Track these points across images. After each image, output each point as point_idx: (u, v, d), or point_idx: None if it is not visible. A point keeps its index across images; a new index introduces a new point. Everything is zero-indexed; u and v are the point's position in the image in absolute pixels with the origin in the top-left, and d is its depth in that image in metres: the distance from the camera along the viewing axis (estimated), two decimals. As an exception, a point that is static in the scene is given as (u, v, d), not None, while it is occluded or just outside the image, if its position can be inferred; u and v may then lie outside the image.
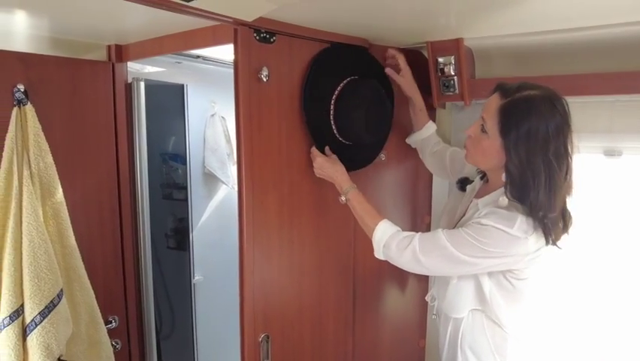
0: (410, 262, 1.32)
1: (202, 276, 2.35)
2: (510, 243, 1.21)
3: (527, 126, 1.16)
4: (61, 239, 1.49)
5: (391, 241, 1.33)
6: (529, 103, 1.18)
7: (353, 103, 1.48)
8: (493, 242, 1.22)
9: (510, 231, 1.20)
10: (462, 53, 1.57)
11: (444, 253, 1.26)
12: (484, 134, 1.26)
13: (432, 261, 1.29)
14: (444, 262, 1.29)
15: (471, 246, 1.23)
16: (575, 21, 1.31)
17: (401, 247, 1.31)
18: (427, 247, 1.29)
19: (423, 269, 1.34)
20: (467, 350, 1.43)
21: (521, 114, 1.17)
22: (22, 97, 1.42)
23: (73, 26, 1.55)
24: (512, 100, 1.20)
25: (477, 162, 1.37)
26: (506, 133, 1.19)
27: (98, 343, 1.61)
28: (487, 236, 1.22)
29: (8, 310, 1.34)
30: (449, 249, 1.25)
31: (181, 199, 2.27)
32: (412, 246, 1.29)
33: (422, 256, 1.28)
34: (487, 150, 1.27)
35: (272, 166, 1.42)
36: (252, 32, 1.31)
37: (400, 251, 1.31)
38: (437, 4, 1.24)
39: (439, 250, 1.27)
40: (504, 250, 1.22)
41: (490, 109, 1.24)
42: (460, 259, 1.25)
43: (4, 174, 1.37)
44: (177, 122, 2.20)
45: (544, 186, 1.16)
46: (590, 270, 1.68)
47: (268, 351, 1.45)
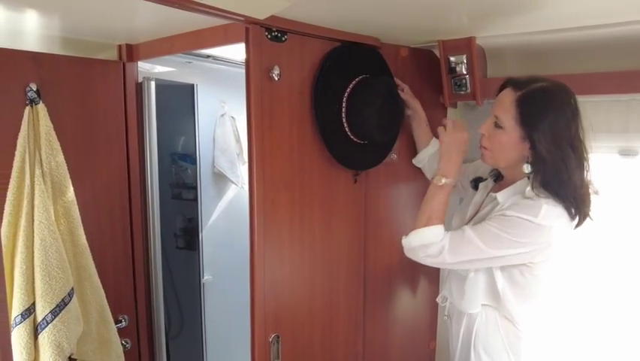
0: (437, 258, 1.31)
1: (211, 276, 2.35)
2: (535, 232, 1.22)
3: (550, 113, 1.19)
4: (72, 238, 1.50)
5: (434, 247, 1.30)
6: (546, 92, 1.22)
7: (365, 100, 1.47)
8: (519, 232, 1.22)
9: (535, 220, 1.20)
10: (474, 51, 1.55)
11: (470, 247, 1.26)
12: (499, 130, 1.27)
13: (459, 257, 1.29)
14: (472, 258, 1.29)
15: (498, 238, 1.24)
16: (589, 19, 1.30)
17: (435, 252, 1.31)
18: (455, 246, 1.29)
19: (450, 266, 1.35)
20: (480, 350, 1.42)
21: (541, 102, 1.20)
22: (34, 96, 1.43)
23: (84, 26, 1.56)
24: (528, 91, 1.22)
25: (496, 160, 1.35)
26: (529, 122, 1.21)
27: (108, 342, 1.61)
28: (512, 227, 1.23)
29: (20, 308, 1.34)
30: (475, 242, 1.25)
31: (190, 199, 2.27)
32: (442, 244, 1.29)
33: (449, 254, 1.29)
34: (505, 145, 1.27)
35: (283, 165, 1.42)
36: (263, 31, 1.31)
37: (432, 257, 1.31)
38: (449, 3, 1.22)
39: (466, 245, 1.27)
40: (530, 239, 1.23)
41: (503, 104, 1.26)
42: (486, 252, 1.25)
43: (17, 173, 1.38)
44: (187, 122, 2.21)
45: (577, 166, 1.20)
46: (606, 269, 1.66)
47: (278, 351, 1.44)
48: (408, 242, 1.36)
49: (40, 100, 1.44)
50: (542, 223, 1.21)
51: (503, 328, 1.39)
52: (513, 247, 1.24)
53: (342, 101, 1.50)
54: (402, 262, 1.84)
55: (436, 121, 1.85)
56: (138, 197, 1.83)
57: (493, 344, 1.40)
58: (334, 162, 1.54)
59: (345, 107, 1.50)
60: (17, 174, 1.38)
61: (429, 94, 1.77)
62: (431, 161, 1.67)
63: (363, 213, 1.68)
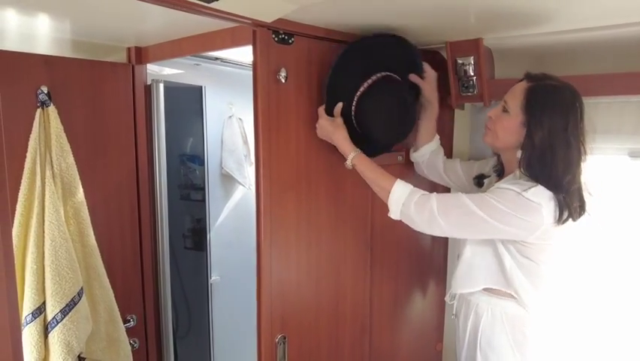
0: (427, 221, 1.32)
1: (219, 276, 2.37)
2: (525, 206, 1.25)
3: (551, 107, 1.27)
4: (82, 238, 1.52)
5: (410, 199, 1.34)
6: (555, 88, 1.30)
7: (374, 107, 1.45)
8: (510, 204, 1.26)
9: (524, 194, 1.25)
10: (481, 53, 1.54)
11: (464, 210, 1.29)
12: (505, 114, 1.36)
13: (450, 219, 1.31)
14: (462, 221, 1.31)
15: (489, 205, 1.27)
16: (600, 20, 1.29)
17: (420, 203, 1.32)
18: (446, 204, 1.32)
19: (438, 229, 1.33)
20: (486, 348, 1.43)
21: (547, 96, 1.29)
22: (45, 99, 1.45)
23: (94, 29, 1.58)
24: (539, 84, 1.31)
25: (494, 140, 1.41)
26: (531, 109, 1.29)
27: (117, 341, 1.63)
28: (504, 197, 1.27)
29: (31, 307, 1.36)
30: (470, 206, 1.28)
31: (198, 200, 2.29)
32: (430, 205, 1.31)
33: (440, 214, 1.30)
34: (506, 127, 1.35)
35: (290, 167, 1.42)
36: (270, 34, 1.32)
37: (418, 209, 1.32)
38: (457, 5, 1.22)
39: (459, 207, 1.30)
40: (519, 213, 1.26)
41: (515, 91, 1.35)
42: (479, 216, 1.27)
43: (28, 174, 1.40)
44: (195, 124, 2.22)
45: (562, 160, 1.26)
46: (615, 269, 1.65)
47: (285, 352, 1.45)
48: (394, 212, 1.37)
49: (51, 102, 1.46)
50: (531, 199, 1.25)
51: (509, 325, 1.41)
52: (502, 218, 1.26)
53: (352, 101, 1.46)
54: (409, 263, 1.85)
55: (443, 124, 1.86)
56: (147, 198, 1.84)
57: (499, 341, 1.41)
58: (341, 163, 1.54)
59: (355, 108, 1.47)
60: (28, 175, 1.40)
61: (436, 95, 1.76)
62: (432, 157, 1.69)
63: (369, 213, 1.68)
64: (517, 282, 1.38)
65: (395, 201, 1.35)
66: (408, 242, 1.83)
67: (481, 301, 1.47)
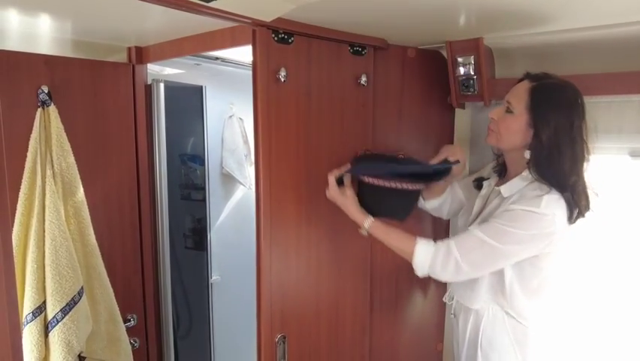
0: (453, 273, 1.33)
1: (219, 276, 2.37)
2: (539, 222, 1.26)
3: (556, 105, 1.28)
4: (82, 238, 1.52)
5: (434, 260, 1.34)
6: (558, 87, 1.31)
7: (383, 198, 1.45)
8: (525, 224, 1.26)
9: (537, 210, 1.25)
10: (481, 52, 1.54)
11: (483, 249, 1.29)
12: (509, 114, 1.35)
13: (474, 262, 1.31)
14: (485, 259, 1.31)
15: (505, 233, 1.27)
16: (601, 19, 1.29)
17: (444, 261, 1.33)
18: (465, 249, 1.31)
19: (464, 275, 1.35)
20: (487, 347, 1.43)
21: (551, 95, 1.30)
22: (46, 98, 1.45)
23: (95, 29, 1.58)
24: (542, 83, 1.32)
25: (499, 142, 1.40)
26: (537, 109, 1.29)
27: (117, 340, 1.63)
28: (517, 219, 1.27)
29: (31, 306, 1.37)
30: (487, 242, 1.28)
31: (199, 200, 2.29)
32: (454, 256, 1.31)
33: (464, 263, 1.30)
34: (511, 128, 1.34)
35: (289, 166, 1.42)
36: (270, 33, 1.32)
37: (443, 265, 1.33)
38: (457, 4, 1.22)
39: (478, 247, 1.30)
40: (536, 230, 1.26)
41: (517, 92, 1.34)
42: (499, 249, 1.28)
43: (28, 174, 1.40)
44: (196, 124, 2.23)
45: (570, 158, 1.27)
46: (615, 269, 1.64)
47: (285, 351, 1.45)
48: (420, 272, 1.38)
49: (52, 102, 1.46)
50: (545, 212, 1.25)
51: (510, 324, 1.41)
52: (524, 240, 1.27)
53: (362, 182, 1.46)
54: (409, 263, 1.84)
55: (444, 122, 1.86)
56: (147, 197, 1.84)
57: (500, 340, 1.41)
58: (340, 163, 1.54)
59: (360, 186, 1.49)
60: (29, 174, 1.40)
61: (436, 95, 1.76)
62: (445, 202, 1.67)
63: (370, 214, 1.68)
64: (516, 301, 1.38)
65: (421, 264, 1.36)
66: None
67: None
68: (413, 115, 1.71)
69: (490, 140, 1.43)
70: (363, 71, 1.56)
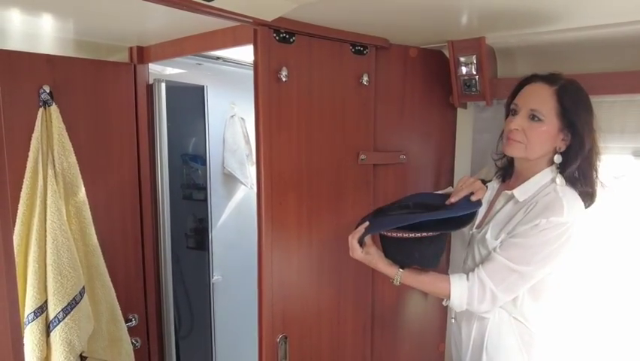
0: (491, 304, 1.31)
1: (221, 276, 2.37)
2: (565, 231, 1.24)
3: (583, 105, 1.28)
4: (84, 237, 1.52)
5: (472, 296, 1.31)
6: (577, 86, 1.29)
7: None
8: (542, 239, 1.24)
9: (561, 219, 1.23)
10: (483, 52, 1.54)
11: (514, 275, 1.26)
12: (537, 123, 1.28)
13: (508, 289, 1.28)
14: (517, 284, 1.28)
15: (528, 255, 1.25)
16: (603, 18, 1.28)
17: (480, 295, 1.30)
18: (498, 279, 1.28)
19: (503, 301, 1.32)
20: (493, 351, 1.41)
21: (578, 96, 1.28)
22: (47, 98, 1.45)
23: (97, 29, 1.58)
24: (564, 85, 1.28)
25: (530, 152, 1.31)
26: (569, 114, 1.26)
27: (119, 340, 1.63)
28: (534, 236, 1.24)
29: (33, 306, 1.37)
30: (515, 268, 1.25)
31: (201, 199, 2.29)
32: (489, 288, 1.28)
33: (500, 292, 1.28)
34: (543, 136, 1.29)
35: (291, 166, 1.42)
36: (271, 32, 1.32)
37: (481, 300, 1.30)
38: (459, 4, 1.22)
39: (508, 275, 1.27)
40: (554, 242, 1.24)
41: (541, 98, 1.29)
42: (529, 272, 1.26)
43: (30, 173, 1.40)
44: (197, 123, 2.23)
45: (597, 159, 1.30)
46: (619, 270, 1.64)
47: (286, 352, 1.44)
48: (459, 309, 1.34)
49: (53, 102, 1.46)
50: (568, 219, 1.23)
51: (517, 327, 1.38)
52: (552, 255, 1.25)
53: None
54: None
55: (446, 122, 1.85)
56: (149, 197, 1.85)
57: (507, 344, 1.39)
58: (342, 163, 1.54)
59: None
60: (30, 174, 1.40)
61: (438, 94, 1.76)
62: None
63: (371, 213, 1.67)
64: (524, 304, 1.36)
65: (458, 303, 1.32)
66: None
67: None
68: (415, 115, 1.71)
69: (517, 152, 1.33)
70: (364, 71, 1.56)
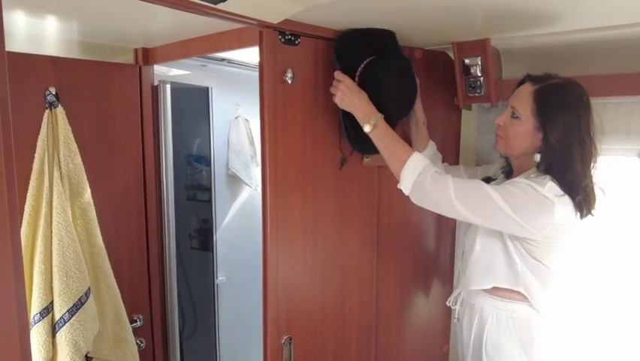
0: (439, 196, 1.28)
1: (225, 277, 2.37)
2: (540, 202, 1.24)
3: (563, 106, 1.27)
4: (89, 239, 1.52)
5: (427, 170, 1.30)
6: (562, 87, 1.30)
7: (380, 72, 1.41)
8: (527, 194, 1.25)
9: (540, 190, 1.25)
10: (488, 53, 1.54)
11: (480, 194, 1.27)
12: (516, 120, 1.34)
13: (465, 200, 1.27)
14: (476, 200, 1.27)
15: (508, 191, 1.26)
16: (608, 19, 1.28)
17: (436, 177, 1.29)
18: (463, 185, 1.29)
19: (449, 207, 1.29)
20: (492, 352, 1.41)
21: (556, 96, 1.28)
22: (53, 100, 1.46)
23: (102, 30, 1.59)
24: (546, 85, 1.31)
25: (509, 149, 1.39)
26: (543, 113, 1.28)
27: (124, 341, 1.64)
28: (520, 188, 1.26)
29: (39, 307, 1.37)
30: (487, 190, 1.27)
31: (205, 200, 2.29)
32: (447, 181, 1.28)
33: (456, 194, 1.26)
34: (520, 134, 1.34)
35: (296, 168, 1.42)
36: (276, 35, 1.32)
37: (434, 181, 1.28)
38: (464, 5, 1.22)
39: (475, 190, 1.29)
40: (534, 207, 1.25)
41: (521, 96, 1.34)
42: (495, 201, 1.25)
43: (36, 175, 1.41)
44: (202, 125, 2.23)
45: (580, 159, 1.27)
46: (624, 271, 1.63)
47: (291, 353, 1.45)
48: (406, 186, 1.33)
49: (59, 103, 1.47)
50: (547, 195, 1.24)
51: (515, 328, 1.39)
52: (521, 207, 1.24)
53: (354, 77, 1.43)
54: (415, 264, 1.84)
55: (450, 124, 1.85)
56: (154, 198, 1.85)
57: (505, 343, 1.40)
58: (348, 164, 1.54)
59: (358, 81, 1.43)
60: (36, 175, 1.41)
61: (443, 96, 1.76)
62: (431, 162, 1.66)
63: (376, 214, 1.68)
64: (527, 281, 1.36)
65: (411, 169, 1.30)
66: (414, 243, 1.83)
67: (485, 305, 1.46)
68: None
69: (499, 147, 1.41)
70: (369, 72, 1.56)
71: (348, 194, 1.58)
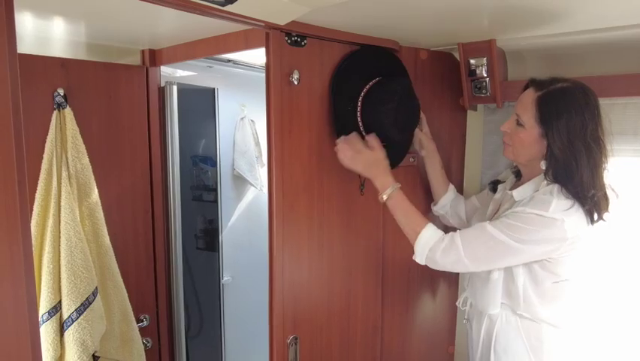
0: (452, 263, 1.31)
1: (230, 277, 2.38)
2: (547, 226, 1.23)
3: (566, 113, 1.24)
4: (97, 238, 1.53)
5: (437, 245, 1.32)
6: (564, 92, 1.26)
7: (382, 97, 1.44)
8: (532, 227, 1.23)
9: (545, 214, 1.23)
10: (494, 54, 1.54)
11: (491, 243, 1.27)
12: (520, 127, 1.33)
13: (475, 254, 1.28)
14: (488, 253, 1.28)
15: (514, 227, 1.25)
16: (615, 20, 1.27)
17: (446, 249, 1.31)
18: (469, 240, 1.29)
19: (465, 268, 1.32)
20: (501, 353, 1.41)
21: (559, 102, 1.25)
22: (61, 101, 1.47)
23: (109, 32, 1.60)
24: (548, 91, 1.28)
25: (517, 155, 1.38)
26: (546, 121, 1.26)
27: (130, 340, 1.65)
28: (526, 221, 1.24)
29: (47, 306, 1.38)
30: (495, 235, 1.26)
31: (210, 201, 2.30)
32: (456, 245, 1.29)
33: (466, 254, 1.28)
34: (525, 141, 1.32)
35: (302, 168, 1.43)
36: (283, 36, 1.32)
37: (445, 254, 1.30)
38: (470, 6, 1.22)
39: (482, 240, 1.28)
40: (544, 234, 1.24)
41: (524, 103, 1.31)
42: (504, 244, 1.25)
43: (44, 175, 1.42)
44: (208, 125, 2.24)
45: (587, 166, 1.23)
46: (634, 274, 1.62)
47: (296, 353, 1.45)
48: (420, 256, 1.36)
49: (67, 104, 1.48)
50: (554, 217, 1.22)
51: (525, 330, 1.38)
52: (532, 240, 1.24)
53: (357, 102, 1.48)
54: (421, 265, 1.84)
55: (456, 124, 1.85)
56: (160, 199, 1.86)
57: (515, 347, 1.39)
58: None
59: (360, 108, 1.48)
60: (45, 176, 1.42)
61: (448, 97, 1.76)
62: (453, 206, 1.67)
63: (381, 215, 1.68)
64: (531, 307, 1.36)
65: (422, 244, 1.34)
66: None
67: None
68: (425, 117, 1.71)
69: (507, 154, 1.41)
70: (375, 73, 1.56)
71: (354, 194, 1.58)
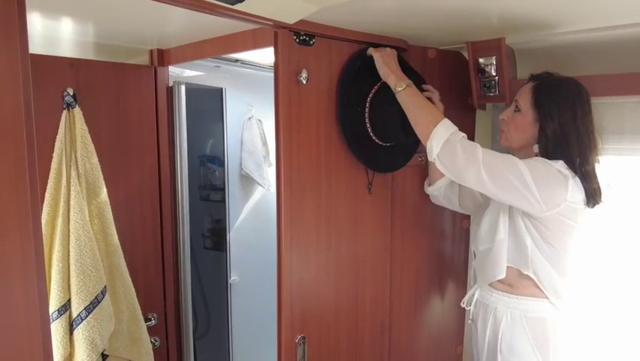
0: (467, 162, 1.30)
1: (238, 276, 2.38)
2: (555, 175, 1.31)
3: (558, 98, 1.35)
4: (105, 238, 1.54)
5: (456, 135, 1.34)
6: (559, 82, 1.39)
7: (389, 100, 1.45)
8: (545, 169, 1.31)
9: (555, 164, 1.32)
10: (503, 53, 1.53)
11: (508, 162, 1.32)
12: (517, 113, 1.43)
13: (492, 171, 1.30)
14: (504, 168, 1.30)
15: (531, 165, 1.31)
16: (623, 18, 1.26)
17: (465, 144, 1.33)
18: (493, 157, 1.33)
19: (473, 175, 1.30)
20: (507, 353, 1.41)
21: (552, 90, 1.37)
22: (71, 100, 1.48)
23: (117, 32, 1.61)
24: (543, 80, 1.40)
25: (510, 140, 1.46)
26: (540, 104, 1.37)
27: (139, 339, 1.65)
28: (539, 162, 1.33)
29: (57, 304, 1.39)
30: (515, 160, 1.32)
31: (218, 200, 2.30)
32: (477, 150, 1.31)
33: (484, 164, 1.29)
34: (519, 126, 1.42)
35: (310, 168, 1.43)
36: (291, 35, 1.32)
37: (464, 146, 1.31)
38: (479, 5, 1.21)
39: (506, 159, 1.33)
40: (551, 180, 1.30)
41: (523, 91, 1.42)
42: (521, 170, 1.28)
43: (54, 175, 1.43)
44: (216, 125, 2.24)
45: (577, 150, 1.33)
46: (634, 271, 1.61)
47: (305, 352, 1.45)
48: (437, 143, 1.33)
49: (77, 104, 1.49)
50: (561, 170, 1.31)
51: (530, 328, 1.39)
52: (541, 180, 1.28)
53: (365, 103, 1.49)
54: (429, 264, 1.83)
55: (465, 124, 1.84)
56: (168, 198, 1.87)
57: (521, 345, 1.40)
58: (361, 164, 1.54)
59: (368, 109, 1.49)
60: (54, 175, 1.43)
61: (457, 96, 1.75)
62: (447, 190, 1.66)
63: (389, 215, 1.67)
64: (537, 264, 1.38)
65: (441, 133, 1.32)
66: (428, 243, 1.82)
67: (499, 305, 1.46)
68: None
69: (502, 141, 1.48)
70: (383, 72, 1.56)
71: (362, 194, 1.58)
